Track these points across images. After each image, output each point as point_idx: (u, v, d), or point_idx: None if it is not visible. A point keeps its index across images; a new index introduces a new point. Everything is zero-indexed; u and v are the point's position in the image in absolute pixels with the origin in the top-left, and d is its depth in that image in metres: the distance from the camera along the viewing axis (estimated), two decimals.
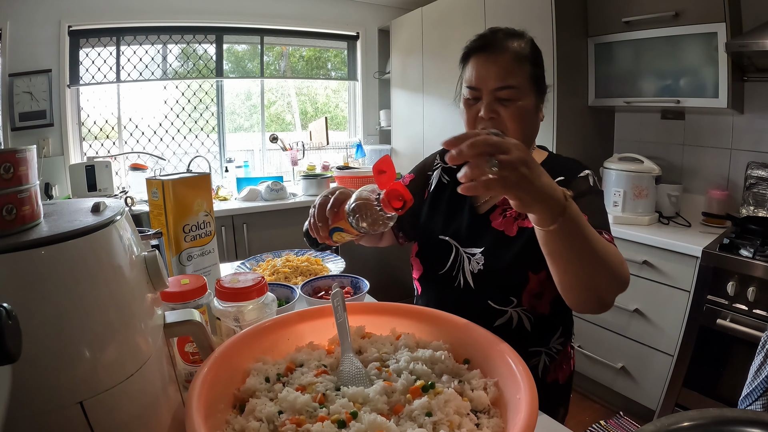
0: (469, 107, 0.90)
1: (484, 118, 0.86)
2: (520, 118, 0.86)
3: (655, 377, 1.95)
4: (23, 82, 2.60)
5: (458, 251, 0.94)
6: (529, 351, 0.91)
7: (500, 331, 0.82)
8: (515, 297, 0.88)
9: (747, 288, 1.63)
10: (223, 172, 3.28)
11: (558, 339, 0.94)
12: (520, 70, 0.86)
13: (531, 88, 0.87)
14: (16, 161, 0.42)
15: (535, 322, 0.89)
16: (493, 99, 0.86)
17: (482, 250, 0.91)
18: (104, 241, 0.45)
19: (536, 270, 0.86)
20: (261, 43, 3.36)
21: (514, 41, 0.88)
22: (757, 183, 2.04)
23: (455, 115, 3.00)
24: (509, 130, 0.86)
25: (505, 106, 0.86)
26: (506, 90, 0.85)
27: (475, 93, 0.88)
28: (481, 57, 0.88)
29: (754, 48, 1.68)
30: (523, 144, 0.78)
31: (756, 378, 0.75)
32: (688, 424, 0.45)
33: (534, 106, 0.89)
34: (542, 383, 0.93)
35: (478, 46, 0.89)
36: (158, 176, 0.92)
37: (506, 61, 0.85)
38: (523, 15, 2.35)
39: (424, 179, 1.07)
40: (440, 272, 0.96)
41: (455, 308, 0.72)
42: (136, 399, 0.48)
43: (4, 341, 0.30)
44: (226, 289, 0.72)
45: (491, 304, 0.89)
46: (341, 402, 0.51)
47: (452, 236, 0.96)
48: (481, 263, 0.90)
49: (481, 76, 0.87)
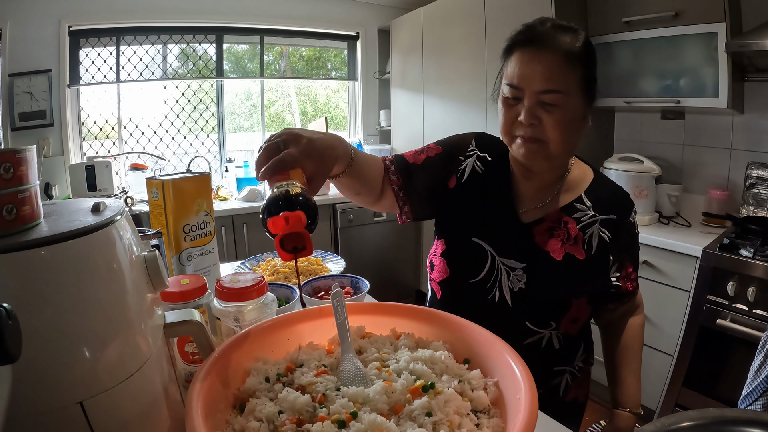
0: (509, 108, 0.80)
1: (523, 124, 0.77)
2: (564, 127, 0.77)
3: (655, 377, 1.95)
4: (23, 82, 2.60)
5: (495, 261, 0.86)
6: (555, 370, 0.88)
7: (528, 349, 0.82)
8: (555, 321, 0.84)
9: (747, 288, 1.63)
10: (223, 172, 3.28)
11: (581, 356, 0.91)
12: (570, 72, 0.75)
13: (580, 93, 0.77)
14: (16, 161, 0.42)
15: (563, 343, 0.86)
16: (535, 102, 0.76)
17: (524, 267, 0.84)
18: (104, 241, 0.45)
19: (578, 296, 0.84)
20: (261, 43, 3.36)
21: (566, 37, 0.76)
22: (757, 183, 2.04)
23: (455, 115, 3.02)
24: (549, 140, 0.77)
25: (548, 112, 0.76)
26: (552, 94, 0.75)
27: (517, 93, 0.78)
28: (527, 53, 0.77)
29: (754, 48, 1.68)
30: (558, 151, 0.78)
31: (756, 378, 0.75)
32: (688, 424, 0.45)
33: (581, 113, 0.79)
34: (561, 402, 0.89)
35: (523, 40, 0.78)
36: (158, 176, 0.92)
37: (555, 60, 0.75)
38: (523, 15, 2.35)
39: (453, 161, 0.93)
40: (471, 280, 0.87)
41: (486, 322, 0.63)
42: (136, 399, 0.48)
43: (4, 341, 0.30)
44: (226, 289, 0.72)
45: (528, 324, 0.84)
46: (341, 402, 0.51)
47: (487, 241, 0.87)
48: (523, 281, 0.84)
49: (525, 74, 0.76)
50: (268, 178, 0.61)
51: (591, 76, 0.79)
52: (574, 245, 0.84)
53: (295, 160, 0.62)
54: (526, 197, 0.88)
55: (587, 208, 0.86)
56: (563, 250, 0.84)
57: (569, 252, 0.84)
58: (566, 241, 0.84)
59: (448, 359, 0.60)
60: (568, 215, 0.85)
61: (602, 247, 0.85)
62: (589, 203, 0.86)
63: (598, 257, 0.85)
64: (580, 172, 0.91)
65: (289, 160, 0.62)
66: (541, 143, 0.78)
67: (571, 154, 0.88)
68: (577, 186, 0.89)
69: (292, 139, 0.65)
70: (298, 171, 0.63)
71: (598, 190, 0.88)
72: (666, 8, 1.99)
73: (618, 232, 0.86)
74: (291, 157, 0.62)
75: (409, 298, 3.37)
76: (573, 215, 0.86)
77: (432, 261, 0.95)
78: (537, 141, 0.78)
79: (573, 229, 0.84)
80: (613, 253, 0.86)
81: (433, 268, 0.95)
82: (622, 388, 0.94)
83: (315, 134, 0.68)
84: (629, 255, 0.90)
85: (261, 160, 0.63)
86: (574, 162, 0.91)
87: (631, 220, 0.89)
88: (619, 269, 0.88)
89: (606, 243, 0.85)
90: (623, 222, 0.87)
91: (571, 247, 0.84)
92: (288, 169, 0.61)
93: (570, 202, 0.86)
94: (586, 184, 0.89)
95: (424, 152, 0.94)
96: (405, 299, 3.24)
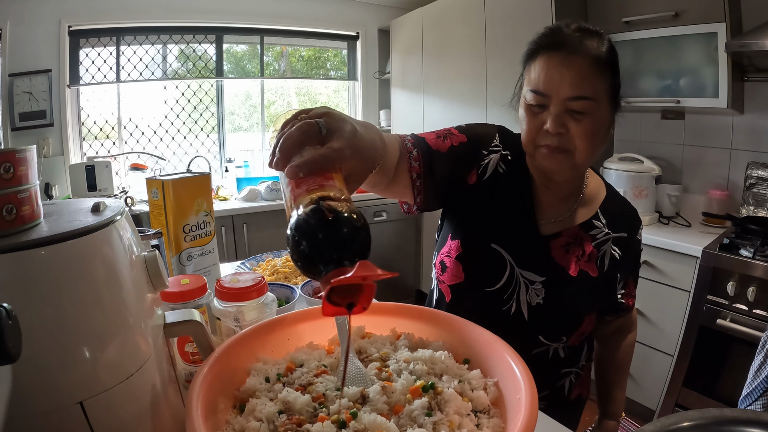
0: (533, 115, 0.75)
1: (550, 132, 0.73)
2: (592, 136, 0.73)
3: (655, 377, 1.96)
4: (23, 82, 2.60)
5: (514, 271, 0.82)
6: (561, 373, 0.87)
7: (535, 359, 0.82)
8: (566, 336, 0.83)
9: (747, 288, 1.63)
10: (223, 172, 3.28)
11: (585, 355, 0.92)
12: (600, 78, 0.72)
13: (607, 101, 0.74)
14: (16, 161, 0.42)
15: (568, 352, 0.86)
16: (563, 110, 0.72)
17: (543, 281, 0.81)
18: (104, 241, 0.45)
19: (590, 313, 0.84)
20: (261, 43, 3.36)
21: (593, 41, 0.73)
22: (757, 183, 2.04)
23: (455, 115, 3.02)
24: (576, 149, 0.74)
25: (576, 120, 0.72)
26: (581, 101, 0.71)
27: (542, 100, 0.74)
28: (554, 58, 0.72)
29: (754, 48, 1.68)
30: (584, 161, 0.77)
31: (756, 378, 0.75)
32: (688, 424, 0.45)
33: (608, 122, 0.76)
34: (566, 401, 0.89)
35: (549, 43, 0.74)
36: (158, 176, 0.92)
37: (585, 66, 0.71)
38: (523, 15, 2.35)
39: (477, 154, 0.86)
40: (488, 289, 0.82)
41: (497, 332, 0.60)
42: (136, 399, 0.48)
43: (4, 341, 0.30)
44: (226, 289, 0.72)
45: (541, 338, 0.82)
46: (341, 402, 0.51)
47: (507, 249, 0.82)
48: (542, 296, 0.81)
49: (553, 80, 0.72)
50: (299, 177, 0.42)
51: (617, 82, 0.76)
52: (588, 263, 0.83)
53: (343, 159, 0.46)
54: (546, 208, 0.85)
55: (603, 226, 0.85)
56: (578, 267, 0.82)
57: (583, 269, 0.82)
58: (581, 258, 0.82)
59: (448, 359, 0.60)
60: (586, 232, 0.84)
61: (613, 264, 0.85)
62: (604, 221, 0.86)
63: (609, 275, 0.85)
64: (595, 185, 0.89)
65: (335, 158, 0.45)
66: (567, 153, 0.75)
67: (592, 163, 0.84)
68: (593, 200, 0.87)
69: (336, 125, 0.47)
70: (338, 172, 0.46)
71: (612, 207, 0.87)
72: (666, 8, 1.99)
73: (627, 249, 0.86)
74: (338, 154, 0.45)
75: (409, 298, 3.37)
76: (590, 232, 0.85)
77: (444, 262, 0.87)
78: (564, 151, 0.75)
79: (588, 246, 0.84)
80: (620, 271, 0.87)
81: (444, 270, 0.87)
82: (610, 404, 1.00)
83: (358, 123, 0.53)
84: (633, 272, 0.91)
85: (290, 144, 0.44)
86: (588, 172, 0.89)
87: (639, 238, 0.89)
88: (624, 286, 0.89)
89: (617, 261, 0.85)
90: (632, 240, 0.87)
91: (586, 264, 0.82)
92: (331, 170, 0.44)
93: (588, 219, 0.85)
94: (601, 199, 0.88)
95: (447, 138, 0.84)
96: (405, 299, 3.24)
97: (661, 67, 2.11)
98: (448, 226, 0.90)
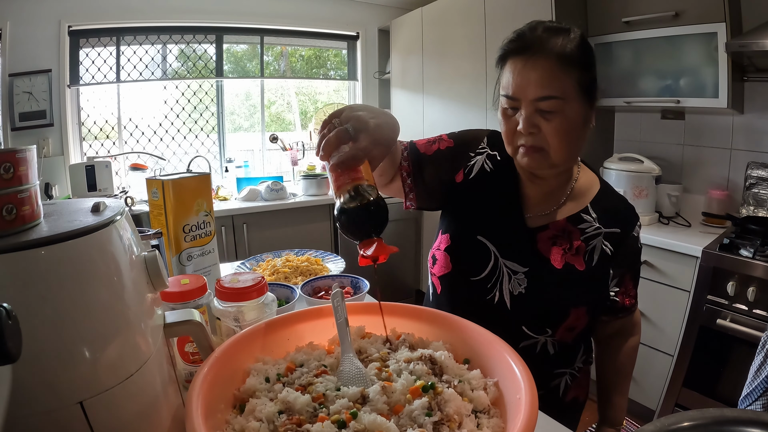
0: (507, 119, 0.79)
1: (522, 133, 0.76)
2: (565, 133, 0.75)
3: (655, 377, 1.96)
4: (23, 82, 2.60)
5: (497, 261, 0.85)
6: (554, 373, 0.88)
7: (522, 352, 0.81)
8: (551, 329, 0.83)
9: (747, 288, 1.63)
10: (223, 172, 3.28)
11: (581, 357, 0.91)
12: (566, 76, 0.73)
13: (578, 97, 0.75)
14: (16, 161, 0.42)
15: (558, 349, 0.86)
16: (533, 111, 0.75)
17: (526, 271, 0.83)
18: (104, 241, 0.45)
19: (576, 306, 0.83)
20: (261, 43, 3.37)
21: (558, 39, 0.74)
22: (757, 183, 2.04)
23: (455, 115, 3.02)
24: (551, 147, 0.76)
25: (547, 120, 0.75)
26: (548, 101, 0.73)
27: (513, 103, 0.77)
28: (519, 61, 0.75)
29: (754, 48, 1.68)
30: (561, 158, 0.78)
31: (756, 378, 0.75)
32: (688, 424, 0.45)
33: (582, 117, 0.77)
34: (561, 403, 0.89)
35: (515, 48, 0.76)
36: (158, 176, 0.92)
37: (548, 66, 0.73)
38: (523, 15, 2.35)
39: (463, 156, 0.92)
40: (473, 278, 0.86)
41: (482, 322, 0.63)
42: (136, 399, 0.48)
43: (4, 341, 0.30)
44: (226, 289, 0.72)
45: (524, 329, 0.84)
46: (341, 402, 0.51)
47: (492, 240, 0.86)
48: (524, 286, 0.83)
49: (519, 84, 0.75)
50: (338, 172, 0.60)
51: (589, 77, 0.76)
52: (575, 256, 0.83)
53: (367, 154, 0.62)
54: (533, 202, 0.88)
55: (593, 220, 0.85)
56: (564, 259, 0.83)
57: (569, 262, 0.83)
58: (568, 251, 0.83)
59: (448, 359, 0.60)
60: (574, 226, 0.85)
61: (603, 260, 0.84)
62: (594, 215, 0.86)
63: (598, 270, 0.84)
64: (587, 180, 0.89)
65: (361, 156, 0.61)
66: (543, 152, 0.77)
67: (576, 159, 0.86)
68: (584, 195, 0.88)
69: (360, 127, 0.63)
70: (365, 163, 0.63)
71: (604, 202, 0.87)
72: (666, 8, 1.99)
73: (621, 246, 0.85)
74: (364, 152, 0.61)
75: (409, 298, 3.37)
76: (578, 226, 0.85)
77: (434, 255, 0.93)
78: (539, 150, 0.77)
79: (576, 239, 0.84)
80: (613, 267, 0.86)
81: (434, 262, 0.93)
82: (610, 410, 0.98)
83: (378, 116, 0.66)
84: (630, 270, 0.89)
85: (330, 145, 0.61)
86: (580, 168, 0.90)
87: (635, 235, 0.88)
88: (618, 284, 0.88)
89: (608, 256, 0.84)
90: (627, 236, 0.86)
91: (572, 258, 0.83)
92: (359, 165, 0.61)
93: (576, 213, 0.86)
94: (593, 194, 0.88)
95: (436, 143, 0.94)
96: (405, 299, 3.24)
97: (661, 67, 2.11)
98: (441, 223, 0.96)
